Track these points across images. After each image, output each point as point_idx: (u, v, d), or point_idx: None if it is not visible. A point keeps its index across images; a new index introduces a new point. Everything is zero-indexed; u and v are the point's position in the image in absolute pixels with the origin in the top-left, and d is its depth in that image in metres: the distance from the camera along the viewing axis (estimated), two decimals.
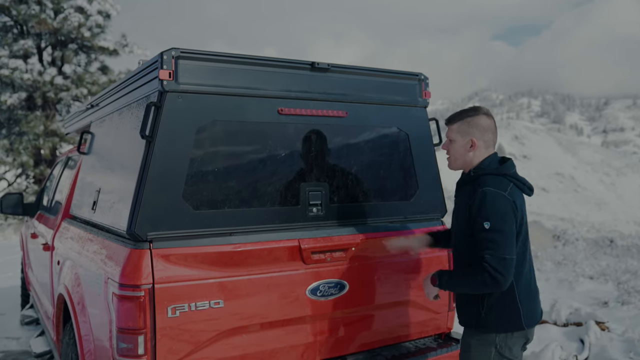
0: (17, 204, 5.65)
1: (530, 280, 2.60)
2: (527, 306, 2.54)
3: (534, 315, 2.59)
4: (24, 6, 16.46)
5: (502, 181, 2.52)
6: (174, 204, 2.58)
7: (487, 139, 2.62)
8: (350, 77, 3.12)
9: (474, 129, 2.60)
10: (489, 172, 2.56)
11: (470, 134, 2.61)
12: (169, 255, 2.53)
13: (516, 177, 2.57)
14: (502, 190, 2.46)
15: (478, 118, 2.62)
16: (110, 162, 3.26)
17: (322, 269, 2.91)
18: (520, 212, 2.50)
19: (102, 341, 2.69)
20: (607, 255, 15.60)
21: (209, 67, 2.69)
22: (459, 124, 2.64)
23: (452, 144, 2.67)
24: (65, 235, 3.77)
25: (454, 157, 2.67)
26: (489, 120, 2.63)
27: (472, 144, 2.60)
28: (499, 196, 2.44)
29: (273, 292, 2.77)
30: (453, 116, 2.69)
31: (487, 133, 2.62)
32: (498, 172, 2.55)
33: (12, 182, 18.16)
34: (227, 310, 2.62)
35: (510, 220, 2.43)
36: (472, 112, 2.63)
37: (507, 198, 2.45)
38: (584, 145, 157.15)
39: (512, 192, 2.50)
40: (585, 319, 5.70)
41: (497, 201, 2.43)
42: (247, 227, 2.78)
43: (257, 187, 2.82)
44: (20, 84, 16.54)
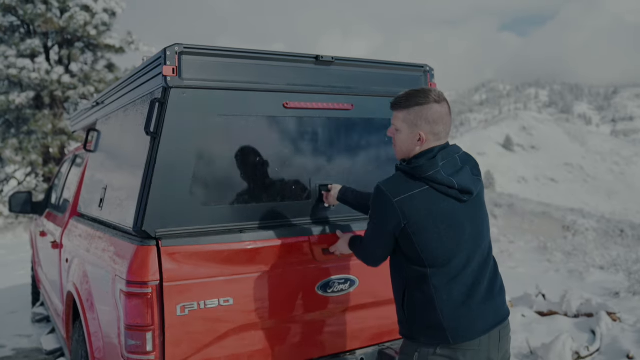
0: (26, 202, 5.69)
1: (472, 288, 2.22)
2: (453, 319, 2.18)
3: (468, 330, 2.19)
4: (30, 6, 16.53)
5: (406, 183, 2.21)
6: (181, 200, 2.57)
7: (438, 131, 2.25)
8: (355, 69, 3.10)
9: (423, 121, 2.23)
10: (403, 169, 2.26)
11: (418, 127, 2.24)
12: (178, 254, 2.51)
13: (434, 180, 2.19)
14: (391, 194, 2.19)
15: (428, 108, 2.23)
16: (116, 159, 3.26)
17: (332, 265, 2.89)
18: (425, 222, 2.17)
19: (111, 338, 2.70)
20: (617, 246, 15.53)
21: (212, 62, 2.68)
22: (406, 112, 2.26)
23: (397, 133, 2.32)
24: (74, 233, 3.78)
25: (399, 149, 2.34)
26: (441, 109, 2.25)
27: (420, 138, 2.25)
28: (383, 197, 2.21)
29: (283, 289, 2.76)
30: (399, 100, 2.30)
31: (437, 125, 2.24)
32: (410, 171, 2.22)
33: (21, 180, 18.29)
34: (236, 308, 2.62)
35: (383, 222, 2.23)
36: (422, 100, 2.23)
37: (386, 203, 2.20)
38: (593, 135, 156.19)
39: (410, 199, 2.17)
40: (596, 309, 5.66)
41: (378, 201, 2.24)
42: (258, 223, 2.77)
43: (266, 181, 2.81)
44: (28, 83, 16.64)
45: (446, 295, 2.19)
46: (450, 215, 2.21)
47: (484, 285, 2.26)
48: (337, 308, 2.94)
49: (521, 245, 15.92)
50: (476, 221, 2.29)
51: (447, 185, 2.20)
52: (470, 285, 2.22)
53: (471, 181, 2.26)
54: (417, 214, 2.17)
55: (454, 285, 2.20)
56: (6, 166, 17.97)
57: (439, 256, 2.20)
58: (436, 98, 2.25)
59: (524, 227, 30.47)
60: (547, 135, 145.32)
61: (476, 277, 2.24)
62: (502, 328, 2.29)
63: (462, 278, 2.21)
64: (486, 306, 2.24)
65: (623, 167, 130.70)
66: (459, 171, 2.25)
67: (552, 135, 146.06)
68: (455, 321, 2.18)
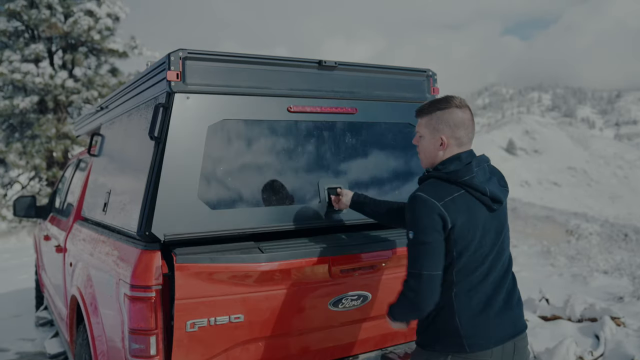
0: (30, 206, 5.70)
1: (491, 297, 2.23)
2: (471, 327, 2.18)
3: (485, 339, 2.18)
4: (35, 11, 16.62)
5: (444, 187, 2.20)
6: (184, 204, 2.57)
7: (460, 135, 2.27)
8: (358, 74, 3.11)
9: (444, 125, 2.26)
10: (437, 175, 2.25)
11: (439, 131, 2.27)
12: (192, 271, 2.43)
13: (470, 185, 2.20)
14: (434, 199, 2.14)
15: (449, 112, 2.26)
16: (120, 164, 3.27)
17: (347, 281, 2.84)
18: (464, 227, 2.17)
19: (115, 342, 2.70)
20: (621, 250, 15.47)
21: (216, 67, 2.69)
22: (428, 118, 2.30)
23: (420, 139, 2.36)
24: (77, 237, 3.79)
25: (424, 155, 2.36)
26: (463, 114, 2.28)
27: (442, 142, 2.27)
28: (427, 204, 2.15)
29: (295, 305, 2.72)
30: (422, 108, 2.35)
31: (459, 129, 2.27)
32: (447, 177, 2.22)
33: (25, 184, 18.35)
34: (246, 324, 2.59)
35: (433, 233, 2.13)
36: (443, 105, 2.27)
37: (431, 209, 2.14)
38: (596, 139, 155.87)
39: (452, 203, 2.16)
40: (600, 314, 5.65)
41: (422, 209, 2.15)
42: (260, 226, 2.76)
43: (269, 185, 2.81)
44: (32, 88, 16.72)
45: (466, 303, 2.19)
46: (483, 222, 2.22)
47: (503, 296, 2.26)
48: (346, 320, 2.92)
49: (524, 249, 15.87)
50: (501, 232, 2.31)
51: (481, 192, 2.21)
52: (489, 295, 2.23)
53: (500, 191, 2.29)
54: (460, 218, 2.16)
55: (474, 294, 2.21)
56: (10, 170, 18.04)
57: (469, 264, 2.20)
58: (458, 103, 2.28)
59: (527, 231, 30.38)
60: (550, 139, 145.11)
61: (495, 288, 2.25)
62: (517, 340, 2.29)
63: (483, 287, 2.22)
64: (503, 317, 2.24)
65: (627, 171, 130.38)
66: (489, 179, 2.28)
67: (555, 139, 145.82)
68: (473, 329, 2.18)
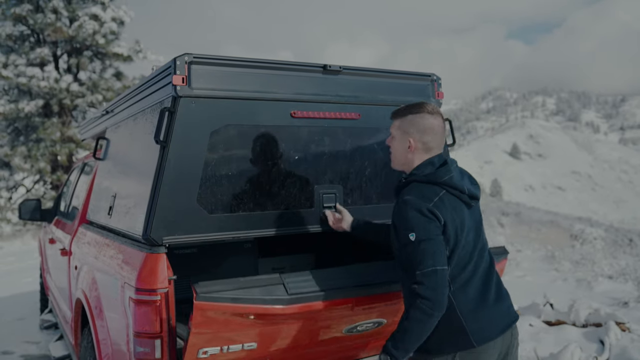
0: (35, 209, 5.72)
1: (483, 291, 2.30)
2: (474, 321, 2.23)
3: (488, 330, 2.25)
4: (40, 15, 16.72)
5: (428, 189, 2.27)
6: (188, 208, 2.59)
7: (427, 140, 2.35)
8: (363, 78, 3.12)
9: (413, 128, 2.35)
10: (417, 178, 2.32)
11: (408, 134, 2.36)
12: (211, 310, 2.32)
13: (450, 185, 2.28)
14: (424, 200, 2.21)
15: (420, 117, 2.35)
16: (125, 168, 3.29)
17: (366, 312, 2.79)
18: (453, 225, 2.22)
19: (120, 345, 2.71)
20: (626, 255, 15.41)
21: (221, 71, 2.70)
22: (400, 120, 2.40)
23: (392, 140, 2.45)
24: (82, 240, 3.81)
25: (393, 156, 2.46)
26: (433, 120, 2.36)
27: (409, 145, 2.36)
28: (420, 205, 2.20)
29: (311, 334, 2.70)
30: (397, 110, 2.45)
31: (427, 134, 2.34)
32: (427, 179, 2.30)
33: (30, 188, 18.42)
34: (259, 350, 2.58)
35: (434, 229, 2.17)
36: (416, 110, 2.37)
37: (426, 209, 2.18)
38: (601, 143, 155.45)
39: (440, 202, 2.23)
40: (605, 319, 5.62)
41: (417, 210, 2.19)
42: (265, 231, 2.78)
43: (271, 190, 2.83)
44: (37, 92, 16.81)
45: (464, 299, 2.24)
46: (465, 219, 2.29)
47: (493, 289, 2.35)
48: (358, 340, 2.92)
49: (528, 254, 15.83)
50: (479, 227, 2.41)
51: (460, 190, 2.30)
52: (481, 289, 2.30)
53: (474, 188, 2.39)
54: (449, 216, 2.22)
55: (469, 290, 2.26)
56: (15, 173, 18.11)
57: (460, 261, 2.25)
58: (430, 110, 2.37)
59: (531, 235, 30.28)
60: (554, 143, 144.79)
61: (485, 282, 2.32)
62: (513, 329, 2.38)
63: (474, 282, 2.29)
64: (499, 308, 2.33)
65: (632, 175, 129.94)
66: (463, 178, 2.39)
67: (560, 143, 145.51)
68: (476, 323, 2.23)
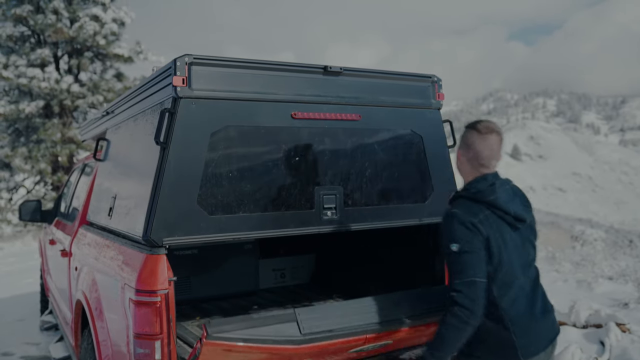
0: (36, 210, 5.72)
1: (531, 306, 2.39)
2: (523, 336, 2.31)
3: (535, 344, 2.35)
4: (41, 16, 16.72)
5: (474, 206, 2.35)
6: (189, 209, 2.59)
7: (470, 157, 2.43)
8: (363, 80, 3.12)
9: (463, 143, 2.48)
10: (465, 194, 2.41)
11: (460, 147, 2.50)
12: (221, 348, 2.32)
13: (495, 205, 2.35)
14: (470, 215, 2.30)
15: (470, 133, 2.44)
16: (125, 169, 3.29)
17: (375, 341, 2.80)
18: (496, 243, 2.30)
19: (120, 346, 2.71)
20: (626, 256, 15.41)
21: (222, 72, 2.70)
22: (463, 135, 2.51)
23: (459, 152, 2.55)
24: (83, 241, 3.81)
25: (458, 168, 2.58)
26: (480, 139, 2.40)
27: (461, 160, 2.49)
28: (465, 219, 2.29)
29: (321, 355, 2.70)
30: (467, 124, 2.54)
31: (470, 151, 2.43)
32: (474, 196, 2.38)
33: (30, 189, 18.41)
34: None
35: (476, 243, 2.26)
36: (471, 125, 2.46)
37: (470, 223, 2.28)
38: (601, 145, 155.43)
39: (485, 219, 2.31)
40: (605, 320, 5.61)
41: (462, 224, 2.28)
42: (265, 232, 2.78)
43: (271, 191, 2.83)
44: (37, 93, 16.80)
45: (514, 314, 2.32)
46: (509, 239, 2.37)
47: (540, 304, 2.44)
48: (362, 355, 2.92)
49: None
50: (527, 247, 2.46)
51: (504, 211, 2.37)
52: (530, 304, 2.39)
53: (523, 210, 2.45)
54: (492, 234, 2.31)
55: (518, 305, 2.35)
56: (15, 174, 18.10)
57: (506, 278, 2.33)
58: (480, 128, 2.41)
59: None
60: (555, 144, 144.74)
61: (532, 298, 2.42)
62: (554, 342, 2.48)
63: (523, 299, 2.37)
64: (545, 322, 2.43)
65: (632, 176, 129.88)
66: (512, 200, 2.44)
67: (560, 144, 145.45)
68: (526, 338, 2.32)
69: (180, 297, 2.72)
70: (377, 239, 4.00)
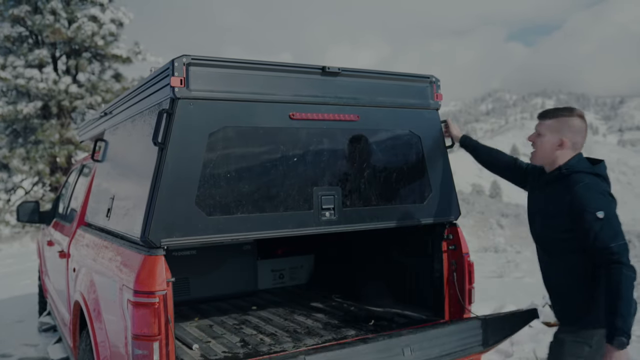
0: (34, 211, 5.71)
1: None
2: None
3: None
4: (39, 16, 16.70)
5: (596, 179, 2.55)
6: (187, 210, 2.59)
7: (576, 141, 2.64)
8: (362, 80, 3.12)
9: (566, 129, 2.62)
10: (582, 169, 2.57)
11: (561, 133, 2.62)
12: None
13: (607, 180, 2.60)
14: (602, 186, 2.53)
15: (572, 119, 2.63)
16: (123, 170, 3.28)
17: None
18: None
19: (118, 347, 2.70)
20: None
21: (220, 73, 2.70)
22: (553, 120, 2.65)
23: (539, 137, 2.69)
24: (81, 242, 3.80)
25: (540, 152, 2.69)
26: (582, 123, 2.65)
27: (561, 143, 2.62)
28: (601, 188, 2.51)
29: None
30: (547, 112, 2.71)
31: (577, 135, 2.63)
32: (592, 171, 2.58)
33: (28, 190, 18.39)
34: None
35: (614, 208, 2.49)
36: (567, 112, 2.65)
37: (606, 191, 2.52)
38: (600, 145, 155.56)
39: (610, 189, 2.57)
40: None
41: (600, 192, 2.49)
42: (263, 233, 2.78)
43: (270, 192, 2.82)
44: (35, 93, 16.78)
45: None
46: None
47: None
48: None
49: (528, 255, 15.84)
50: None
51: (608, 183, 2.61)
52: None
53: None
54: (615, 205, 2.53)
55: None
56: (13, 175, 18.09)
57: None
58: (579, 113, 2.66)
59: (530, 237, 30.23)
60: None
61: None
62: None
63: None
64: None
65: (630, 177, 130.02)
66: None
67: None
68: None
69: (179, 298, 2.71)
70: (375, 239, 4.00)
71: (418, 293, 3.74)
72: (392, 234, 3.65)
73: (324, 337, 3.26)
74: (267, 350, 3.04)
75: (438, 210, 3.35)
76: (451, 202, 3.41)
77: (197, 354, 3.07)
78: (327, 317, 3.75)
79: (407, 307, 3.76)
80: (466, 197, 43.94)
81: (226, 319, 3.85)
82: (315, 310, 3.97)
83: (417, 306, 3.71)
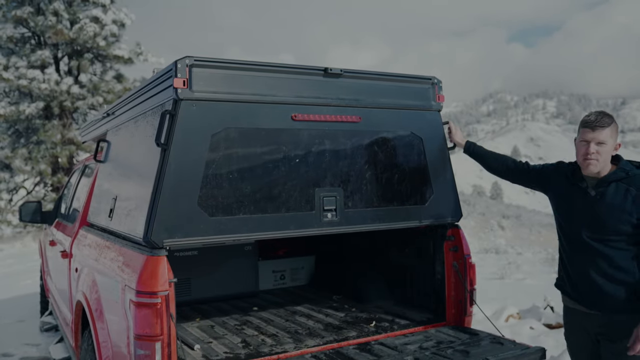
0: (36, 212, 5.72)
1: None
2: None
3: None
4: (41, 17, 16.73)
5: None
6: (189, 211, 2.60)
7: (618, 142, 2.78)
8: (363, 82, 3.13)
9: (617, 132, 2.70)
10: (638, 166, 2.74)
11: (616, 137, 2.69)
12: None
13: None
14: None
15: (617, 124, 2.73)
16: (126, 170, 3.29)
17: None
18: None
19: (120, 347, 2.71)
20: None
21: (222, 74, 2.71)
22: (612, 127, 2.65)
23: (602, 146, 2.63)
24: (83, 242, 3.81)
25: (604, 160, 2.66)
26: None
27: (618, 146, 2.72)
28: None
29: None
30: (602, 120, 2.65)
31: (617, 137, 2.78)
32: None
33: (30, 190, 18.40)
34: None
35: None
36: (612, 116, 2.72)
37: None
38: None
39: None
40: None
41: None
42: (265, 233, 2.79)
43: (272, 193, 2.83)
44: (38, 94, 16.80)
45: None
46: None
47: None
48: None
49: (529, 256, 15.84)
50: None
51: None
52: None
53: None
54: None
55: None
56: (15, 175, 18.09)
57: None
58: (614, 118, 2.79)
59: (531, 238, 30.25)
60: (554, 146, 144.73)
61: None
62: None
63: None
64: None
65: None
66: None
67: (560, 146, 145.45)
68: None
69: (180, 299, 2.72)
70: (377, 241, 4.01)
71: (419, 294, 3.75)
72: (394, 235, 3.65)
73: (325, 338, 3.27)
74: (269, 351, 3.05)
75: (439, 212, 3.36)
76: (453, 204, 3.42)
77: (199, 355, 3.08)
78: (328, 318, 3.76)
79: (408, 309, 3.76)
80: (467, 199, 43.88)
81: (227, 320, 3.86)
82: (316, 311, 3.98)
83: (418, 308, 3.72)
